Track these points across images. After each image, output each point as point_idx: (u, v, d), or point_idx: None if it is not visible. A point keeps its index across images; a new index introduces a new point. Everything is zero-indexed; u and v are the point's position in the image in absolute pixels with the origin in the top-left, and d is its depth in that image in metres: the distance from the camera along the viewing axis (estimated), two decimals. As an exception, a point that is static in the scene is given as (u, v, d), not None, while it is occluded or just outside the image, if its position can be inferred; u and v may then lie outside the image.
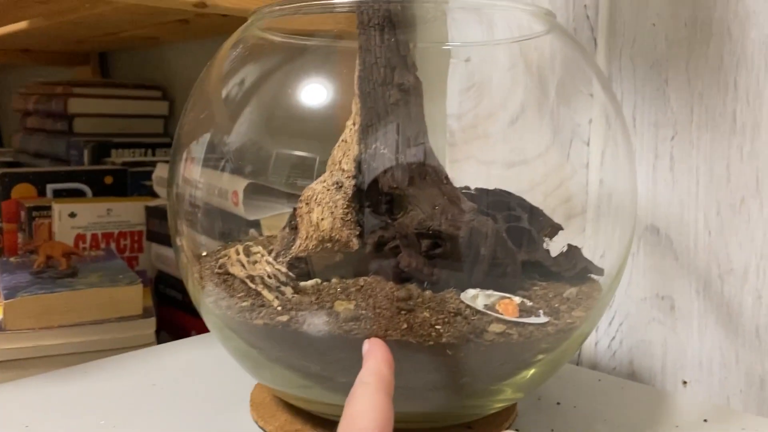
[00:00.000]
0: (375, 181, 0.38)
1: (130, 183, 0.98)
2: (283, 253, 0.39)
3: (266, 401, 0.43)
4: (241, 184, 0.59)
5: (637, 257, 0.57)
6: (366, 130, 0.38)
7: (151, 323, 0.67)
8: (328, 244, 0.37)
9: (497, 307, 0.35)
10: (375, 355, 0.32)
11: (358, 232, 0.37)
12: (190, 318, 0.80)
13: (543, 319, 0.36)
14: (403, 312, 0.34)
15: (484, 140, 0.63)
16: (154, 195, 0.91)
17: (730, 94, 0.51)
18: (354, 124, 0.38)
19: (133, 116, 1.16)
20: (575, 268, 0.43)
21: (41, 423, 0.43)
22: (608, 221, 0.54)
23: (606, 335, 0.60)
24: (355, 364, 0.32)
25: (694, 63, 0.53)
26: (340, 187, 0.37)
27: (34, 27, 0.86)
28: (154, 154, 1.10)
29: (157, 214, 0.85)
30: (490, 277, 0.37)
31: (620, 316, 0.59)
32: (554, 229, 0.48)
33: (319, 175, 0.40)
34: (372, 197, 0.38)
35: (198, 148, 0.44)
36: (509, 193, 0.50)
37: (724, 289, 0.53)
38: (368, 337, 0.33)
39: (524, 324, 0.35)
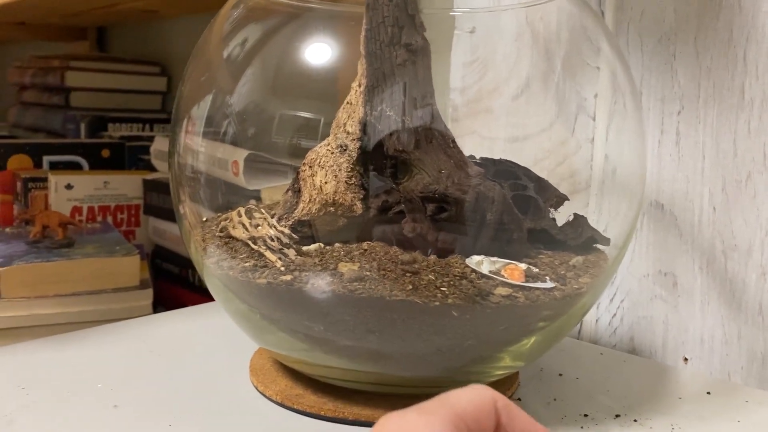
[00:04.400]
0: (380, 144, 0.37)
1: (127, 157, 0.97)
2: (285, 216, 0.38)
3: (266, 367, 0.43)
4: (241, 154, 0.59)
5: (640, 233, 0.57)
6: (372, 92, 0.37)
7: (148, 294, 0.67)
8: (332, 208, 0.37)
9: (503, 272, 0.35)
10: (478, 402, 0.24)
11: (362, 196, 0.36)
12: (188, 293, 0.80)
13: (549, 284, 0.35)
14: (408, 274, 0.34)
15: (488, 115, 0.62)
16: (153, 169, 0.90)
17: (738, 68, 0.50)
18: (359, 85, 0.38)
19: (131, 91, 1.15)
20: (581, 236, 0.43)
21: (38, 385, 0.42)
22: (614, 196, 0.53)
23: (607, 312, 0.59)
24: (357, 325, 0.32)
25: (702, 37, 0.52)
26: (345, 150, 0.36)
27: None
28: (151, 129, 1.09)
29: (154, 188, 0.84)
30: (495, 243, 0.36)
31: (621, 292, 0.58)
32: (560, 199, 0.48)
33: (323, 138, 0.39)
34: (377, 160, 0.37)
35: (199, 111, 0.43)
36: (515, 163, 0.49)
37: (728, 266, 0.52)
38: (372, 298, 0.33)
39: (531, 288, 0.35)
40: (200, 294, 0.77)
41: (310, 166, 0.38)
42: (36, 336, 0.62)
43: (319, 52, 0.41)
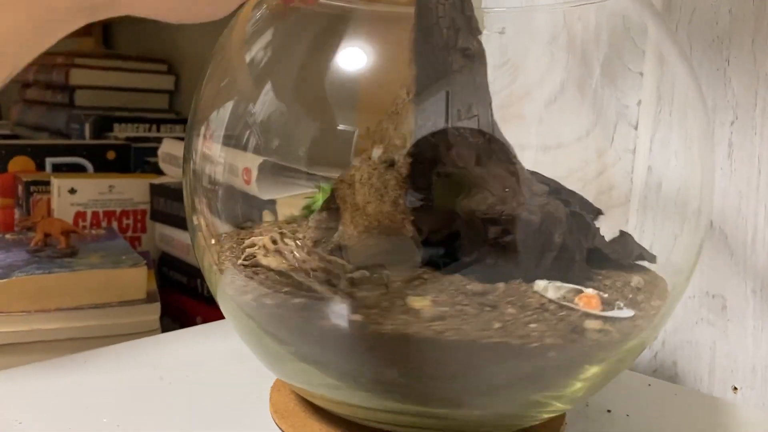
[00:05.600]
0: (433, 159, 0.33)
1: (133, 159, 0.93)
2: (324, 240, 0.34)
3: (290, 406, 0.39)
4: (254, 160, 0.55)
5: (686, 252, 0.53)
6: (423, 101, 0.33)
7: (156, 308, 0.63)
8: (375, 231, 0.33)
9: (577, 300, 0.31)
10: None
11: (412, 217, 0.32)
12: (195, 303, 0.76)
13: (628, 312, 0.31)
14: (486, 308, 0.29)
15: (518, 121, 0.58)
16: (159, 172, 0.86)
17: (802, 75, 0.46)
18: (408, 93, 0.34)
19: (138, 90, 1.12)
20: (632, 254, 0.39)
21: (35, 419, 0.38)
22: (659, 212, 0.49)
23: (647, 335, 0.55)
24: (443, 368, 0.28)
25: (761, 40, 0.48)
26: (392, 165, 0.32)
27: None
28: (158, 130, 1.05)
29: (162, 193, 0.80)
30: (557, 267, 0.32)
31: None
32: (596, 214, 0.44)
33: (356, 152, 0.35)
34: (428, 177, 0.33)
35: (218, 119, 0.39)
36: (544, 176, 0.45)
37: (785, 290, 0.48)
38: (462, 339, 0.28)
39: (615, 318, 0.31)
40: (209, 305, 0.73)
41: (350, 184, 0.34)
42: (35, 352, 0.58)
43: (351, 56, 0.37)
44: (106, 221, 0.81)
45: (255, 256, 0.34)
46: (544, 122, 0.53)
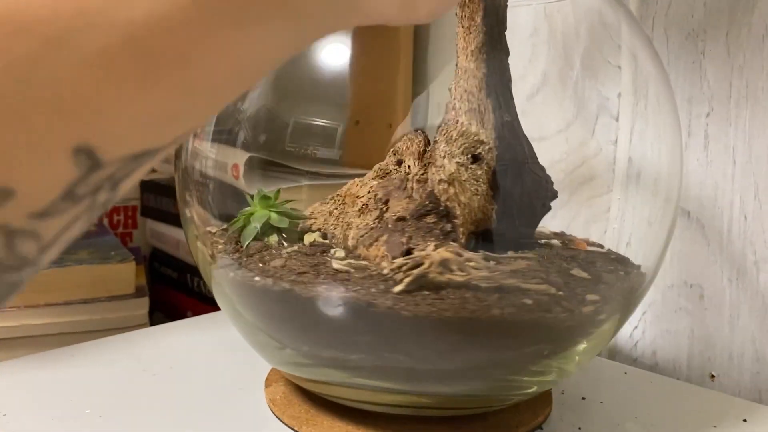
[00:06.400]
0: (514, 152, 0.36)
1: (124, 156, 0.94)
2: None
3: (289, 397, 0.39)
4: (242, 156, 0.56)
5: (665, 242, 0.53)
6: (504, 95, 0.35)
7: (144, 303, 0.63)
8: (473, 225, 0.35)
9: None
10: None
11: (495, 207, 0.34)
12: (186, 298, 0.77)
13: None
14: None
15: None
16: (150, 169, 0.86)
17: (775, 66, 0.47)
18: (479, 90, 0.35)
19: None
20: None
21: (20, 411, 0.39)
22: (638, 201, 0.50)
23: (628, 324, 0.56)
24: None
25: (735, 33, 0.49)
26: (481, 161, 0.34)
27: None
28: (149, 127, 1.06)
29: (152, 189, 0.81)
30: None
31: (644, 304, 0.55)
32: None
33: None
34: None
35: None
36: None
37: (760, 278, 0.49)
38: None
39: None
40: (200, 300, 0.73)
41: (449, 183, 0.35)
42: (25, 348, 0.58)
43: (339, 51, 0.38)
44: (97, 218, 0.82)
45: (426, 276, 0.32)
46: (526, 114, 0.54)
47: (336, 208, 0.40)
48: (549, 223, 0.45)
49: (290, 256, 0.35)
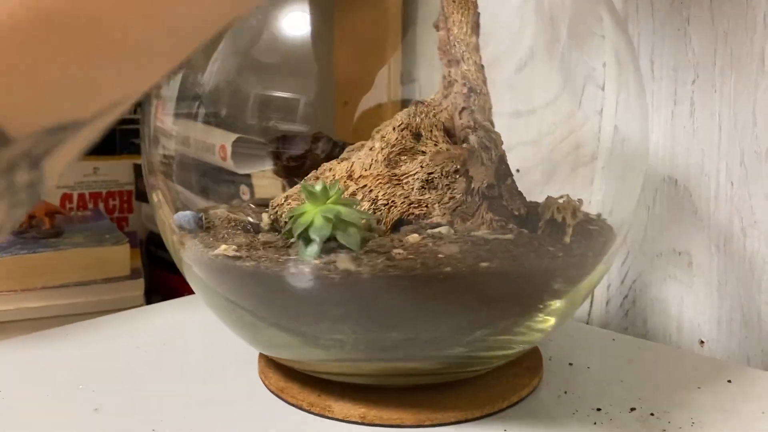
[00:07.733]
0: None
1: (119, 141, 0.94)
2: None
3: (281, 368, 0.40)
4: (229, 138, 0.56)
5: (653, 211, 0.54)
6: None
7: (140, 284, 0.64)
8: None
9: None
10: None
11: None
12: (182, 280, 0.77)
13: None
14: None
15: (489, 88, 0.59)
16: (144, 153, 0.87)
17: (758, 31, 0.47)
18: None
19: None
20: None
21: (15, 388, 0.40)
22: (619, 171, 0.50)
23: (618, 294, 0.56)
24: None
25: (718, -1, 0.49)
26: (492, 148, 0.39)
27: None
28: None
29: (146, 173, 0.81)
30: None
31: (633, 273, 0.56)
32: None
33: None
34: None
35: (170, 91, 0.40)
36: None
37: (747, 244, 0.49)
38: None
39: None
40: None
41: (471, 150, 0.39)
42: (22, 330, 0.59)
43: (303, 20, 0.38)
44: (93, 203, 0.82)
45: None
46: (514, 88, 0.54)
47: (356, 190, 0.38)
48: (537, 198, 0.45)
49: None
